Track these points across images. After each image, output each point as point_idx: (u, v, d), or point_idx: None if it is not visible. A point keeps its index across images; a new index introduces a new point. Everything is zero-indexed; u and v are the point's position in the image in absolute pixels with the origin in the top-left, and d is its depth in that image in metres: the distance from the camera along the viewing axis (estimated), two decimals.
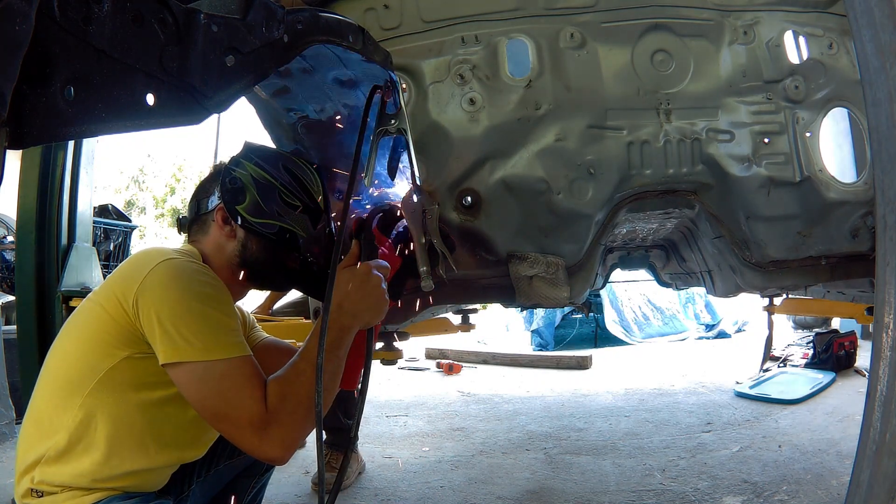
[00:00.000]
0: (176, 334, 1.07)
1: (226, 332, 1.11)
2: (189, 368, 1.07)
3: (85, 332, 1.14)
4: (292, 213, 1.32)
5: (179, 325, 1.07)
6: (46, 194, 2.40)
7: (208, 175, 1.39)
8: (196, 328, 1.08)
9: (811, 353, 4.19)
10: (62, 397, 1.12)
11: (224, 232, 1.31)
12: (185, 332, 1.07)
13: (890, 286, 0.68)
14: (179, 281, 1.10)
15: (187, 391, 1.09)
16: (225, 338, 1.10)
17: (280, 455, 1.12)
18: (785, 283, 1.73)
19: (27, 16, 0.49)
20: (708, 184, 1.52)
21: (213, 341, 1.08)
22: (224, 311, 1.14)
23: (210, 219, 1.33)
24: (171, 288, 1.09)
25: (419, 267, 1.43)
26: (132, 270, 1.14)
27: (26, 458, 1.11)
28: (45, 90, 0.55)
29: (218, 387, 1.08)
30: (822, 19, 1.55)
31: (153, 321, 1.07)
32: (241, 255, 1.31)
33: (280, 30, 0.86)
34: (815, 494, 2.09)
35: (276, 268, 1.34)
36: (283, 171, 1.33)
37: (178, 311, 1.08)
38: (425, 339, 5.35)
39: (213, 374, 1.07)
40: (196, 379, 1.08)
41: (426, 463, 2.71)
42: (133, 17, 0.63)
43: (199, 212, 1.34)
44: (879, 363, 0.69)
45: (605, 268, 2.54)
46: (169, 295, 1.09)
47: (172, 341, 1.07)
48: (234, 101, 0.83)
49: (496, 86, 1.45)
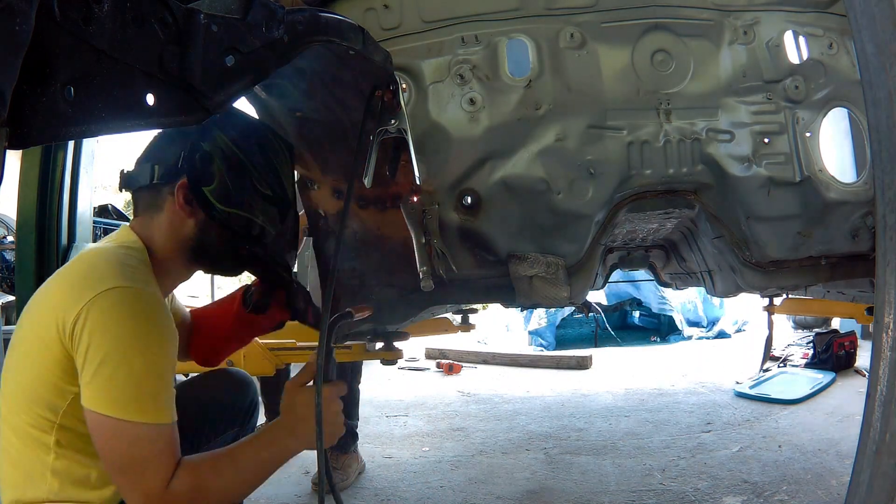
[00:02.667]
0: (104, 383, 0.99)
1: (154, 396, 1.03)
2: (104, 420, 1.00)
3: (34, 368, 1.06)
4: (262, 204, 1.24)
5: (111, 374, 0.99)
6: (46, 194, 2.40)
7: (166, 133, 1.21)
8: (126, 383, 1.00)
9: (811, 353, 4.19)
10: (34, 437, 1.06)
11: (184, 211, 1.18)
12: (113, 385, 0.99)
13: (890, 286, 0.68)
14: (124, 324, 1.01)
15: (96, 438, 1.02)
16: (152, 402, 1.02)
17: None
18: (785, 283, 1.73)
19: (27, 16, 0.49)
20: (708, 184, 1.52)
21: (138, 403, 1.00)
22: (162, 369, 1.04)
23: (167, 192, 1.19)
24: (113, 330, 1.00)
25: (419, 267, 1.43)
26: (73, 289, 1.04)
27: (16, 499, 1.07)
28: (45, 90, 0.55)
29: (128, 449, 1.01)
30: (822, 19, 1.55)
31: (85, 358, 1.00)
32: (196, 239, 1.21)
33: (280, 30, 0.86)
34: (815, 494, 2.09)
35: (233, 256, 1.26)
36: (256, 151, 1.23)
37: (113, 359, 0.99)
38: (425, 339, 5.34)
39: (127, 435, 1.00)
40: (107, 432, 1.01)
41: (426, 463, 2.71)
42: (133, 17, 0.63)
43: (153, 178, 1.18)
44: (879, 363, 0.69)
45: (605, 268, 2.54)
46: (107, 338, 1.00)
47: (98, 389, 1.00)
48: (234, 101, 0.83)
49: (496, 86, 1.45)
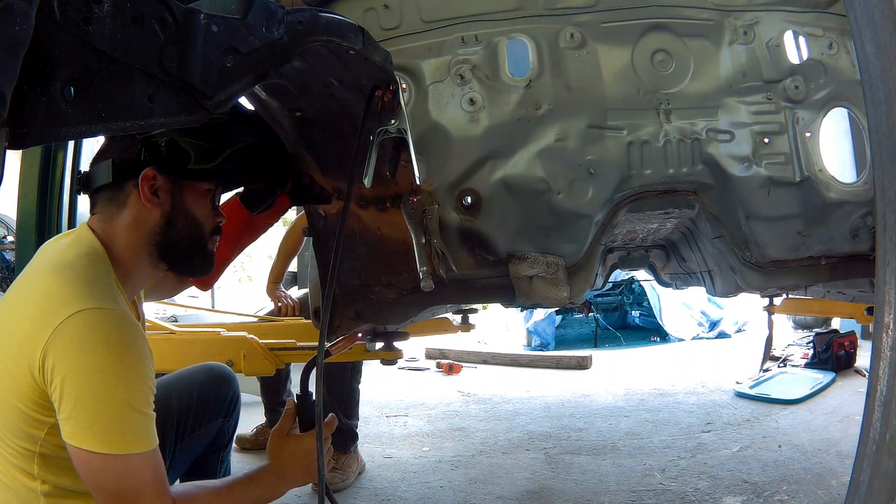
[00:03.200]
0: (81, 416, 0.97)
1: (137, 426, 1.01)
2: (89, 455, 0.98)
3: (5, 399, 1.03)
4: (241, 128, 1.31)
5: (90, 410, 0.97)
6: (46, 194, 2.40)
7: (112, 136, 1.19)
8: (107, 417, 0.97)
9: (811, 353, 4.19)
10: (18, 466, 1.05)
11: (150, 203, 1.16)
12: (94, 420, 0.97)
13: (890, 286, 0.68)
14: (96, 352, 0.97)
15: (83, 473, 1.01)
16: (135, 433, 1.00)
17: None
18: (785, 283, 1.73)
19: (27, 16, 0.49)
20: (708, 184, 1.52)
21: (121, 436, 0.98)
22: (142, 396, 1.02)
23: (131, 185, 1.17)
24: (85, 360, 0.97)
25: (419, 267, 1.43)
26: (39, 314, 1.00)
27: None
28: (45, 90, 0.55)
29: (117, 482, 1.00)
30: (822, 19, 1.55)
31: (61, 392, 0.97)
32: (163, 233, 1.19)
33: (280, 30, 0.86)
34: (815, 494, 2.09)
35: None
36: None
37: (86, 391, 0.96)
38: (425, 339, 5.34)
39: (115, 469, 0.99)
40: (95, 467, 0.99)
41: (426, 463, 2.71)
42: (133, 17, 0.63)
43: (115, 175, 1.16)
44: (879, 363, 0.69)
45: (605, 268, 2.54)
46: (81, 370, 0.96)
47: (76, 423, 0.97)
48: (234, 101, 0.83)
49: (496, 86, 1.45)
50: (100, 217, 1.19)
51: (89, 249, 1.13)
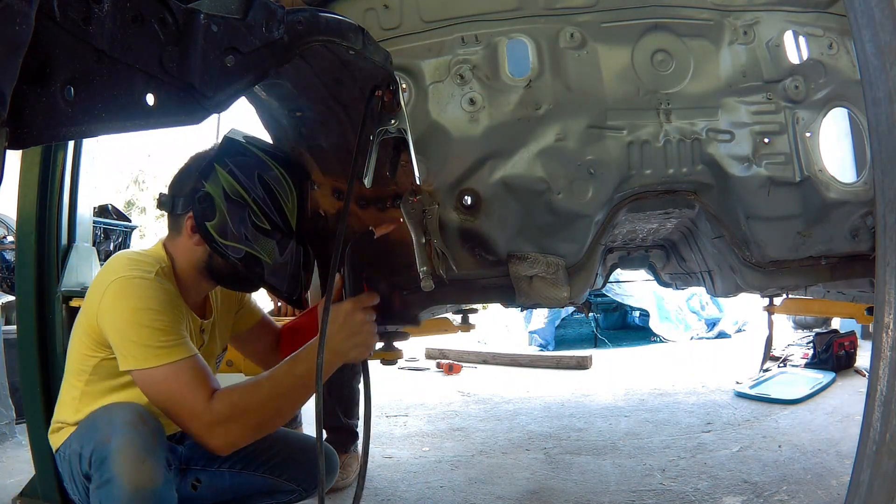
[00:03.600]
0: (123, 348, 1.25)
1: (160, 343, 1.24)
2: (137, 375, 1.25)
3: (80, 338, 1.37)
4: (261, 238, 1.35)
5: (125, 340, 1.25)
6: (46, 194, 2.39)
7: (187, 165, 1.42)
8: (136, 341, 1.23)
9: (811, 353, 4.19)
10: (73, 381, 1.39)
11: (193, 240, 1.38)
12: (128, 346, 1.24)
13: (890, 286, 0.68)
14: (124, 301, 1.27)
15: (143, 390, 1.26)
16: (161, 348, 1.24)
17: (217, 448, 1.24)
18: (785, 283, 1.72)
19: (27, 16, 0.49)
20: (708, 184, 1.52)
21: (150, 352, 1.23)
22: (161, 323, 1.26)
23: (182, 221, 1.39)
24: (117, 309, 1.27)
25: (419, 267, 1.43)
26: (95, 288, 1.32)
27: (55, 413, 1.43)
28: (45, 90, 0.55)
29: (160, 389, 1.23)
30: (822, 19, 1.55)
31: (109, 336, 1.28)
32: (207, 264, 1.41)
33: (280, 30, 0.86)
34: (815, 494, 2.09)
35: (243, 279, 1.41)
36: (257, 184, 1.35)
37: (122, 328, 1.25)
38: (425, 339, 5.35)
39: (155, 379, 1.23)
40: (146, 381, 1.24)
41: (426, 463, 2.71)
42: (133, 17, 0.63)
43: (173, 209, 1.40)
44: (879, 363, 0.69)
45: (606, 268, 2.54)
46: (115, 316, 1.26)
47: (121, 354, 1.26)
48: (234, 101, 0.83)
49: (496, 86, 1.45)
50: (168, 236, 1.45)
51: (153, 253, 1.41)
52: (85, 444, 1.22)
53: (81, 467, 1.23)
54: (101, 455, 1.17)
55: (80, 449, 1.24)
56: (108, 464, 1.15)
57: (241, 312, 1.69)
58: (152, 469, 1.17)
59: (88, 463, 1.20)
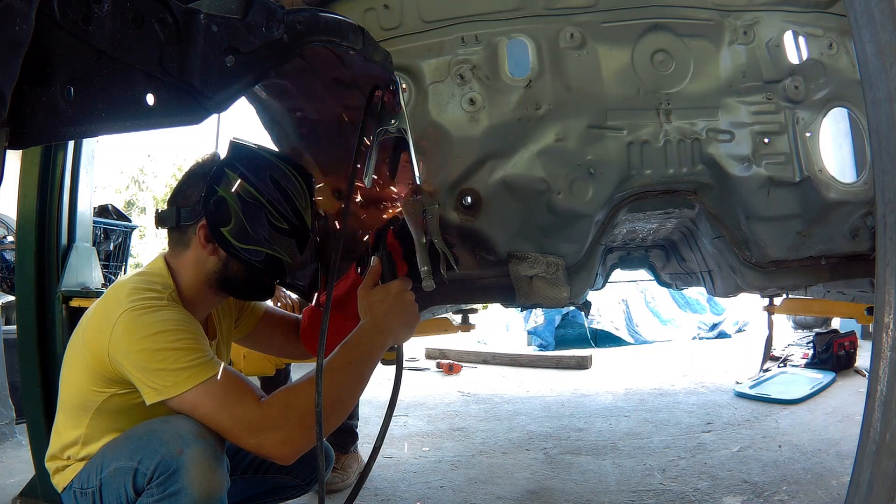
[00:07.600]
0: (148, 381, 1.15)
1: (186, 364, 1.16)
2: (173, 404, 1.16)
3: (80, 372, 1.25)
4: (279, 238, 1.31)
5: (147, 372, 1.15)
6: (46, 194, 2.39)
7: (189, 175, 1.34)
8: (160, 368, 1.15)
9: (811, 353, 4.19)
10: (74, 417, 1.27)
11: (206, 250, 1.29)
12: (152, 377, 1.15)
13: (890, 286, 0.68)
14: (137, 332, 1.17)
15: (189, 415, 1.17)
16: (188, 368, 1.15)
17: (284, 456, 1.17)
18: (785, 283, 1.72)
19: (27, 16, 0.49)
20: (708, 184, 1.52)
21: (179, 376, 1.15)
22: (183, 342, 1.18)
23: (191, 232, 1.30)
24: (132, 340, 1.17)
25: (420, 267, 1.43)
26: (101, 323, 1.21)
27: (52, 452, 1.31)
28: (45, 90, 0.55)
29: (204, 412, 1.15)
30: (822, 19, 1.55)
31: (129, 372, 1.17)
32: (221, 273, 1.32)
33: (280, 30, 0.86)
34: (815, 494, 2.09)
35: (258, 285, 1.36)
36: (270, 185, 1.30)
37: (140, 361, 1.16)
38: (425, 339, 5.34)
39: (194, 403, 1.15)
40: (187, 407, 1.16)
41: (426, 463, 2.71)
42: (133, 17, 0.63)
43: (178, 221, 1.31)
44: (879, 363, 0.69)
45: (606, 268, 2.54)
46: (130, 349, 1.16)
47: (147, 388, 1.16)
48: (234, 101, 0.83)
49: (496, 86, 1.45)
50: (171, 252, 1.35)
51: (163, 284, 1.29)
52: (144, 459, 1.14)
53: (136, 483, 1.15)
54: (170, 467, 1.11)
55: (134, 465, 1.15)
56: (179, 475, 1.11)
57: (241, 318, 1.64)
58: (222, 477, 1.15)
59: (148, 478, 1.13)
